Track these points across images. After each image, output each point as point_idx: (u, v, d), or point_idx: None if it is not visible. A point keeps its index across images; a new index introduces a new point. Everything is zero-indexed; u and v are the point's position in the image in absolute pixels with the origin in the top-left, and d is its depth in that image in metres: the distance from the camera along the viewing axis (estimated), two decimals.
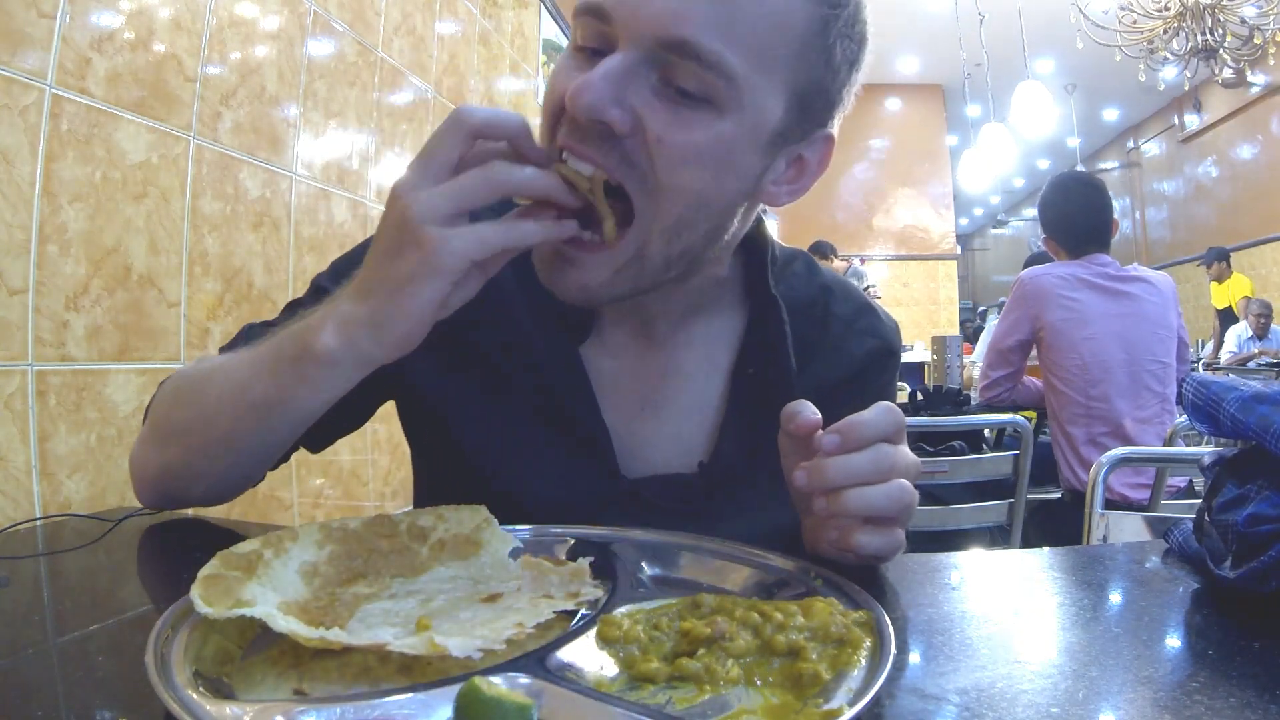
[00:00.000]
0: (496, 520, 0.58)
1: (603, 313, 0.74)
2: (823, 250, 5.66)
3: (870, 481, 0.52)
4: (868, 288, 5.75)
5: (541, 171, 0.55)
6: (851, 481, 0.52)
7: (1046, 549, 0.66)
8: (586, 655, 0.42)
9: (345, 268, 0.72)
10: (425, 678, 0.40)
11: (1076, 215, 2.25)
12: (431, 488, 0.81)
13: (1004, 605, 0.56)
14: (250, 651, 0.44)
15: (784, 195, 0.66)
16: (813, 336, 0.76)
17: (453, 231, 0.52)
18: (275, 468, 0.73)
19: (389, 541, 0.55)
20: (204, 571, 0.45)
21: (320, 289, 0.73)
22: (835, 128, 0.66)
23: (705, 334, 0.75)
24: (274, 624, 0.41)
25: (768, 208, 0.71)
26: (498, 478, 0.71)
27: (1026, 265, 3.51)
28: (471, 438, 0.72)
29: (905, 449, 0.55)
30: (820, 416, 0.55)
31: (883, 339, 0.80)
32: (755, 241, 0.76)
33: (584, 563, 0.54)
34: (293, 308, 0.75)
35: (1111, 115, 10.47)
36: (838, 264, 5.78)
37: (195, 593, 0.42)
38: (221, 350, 0.76)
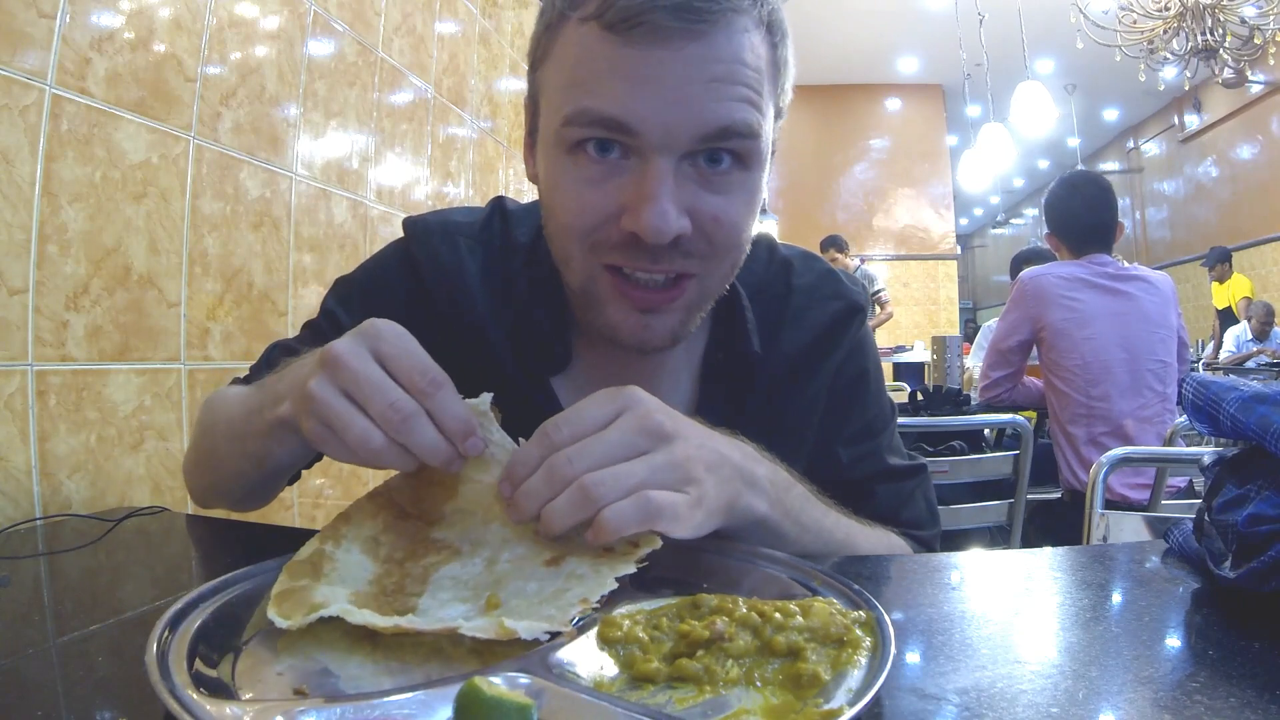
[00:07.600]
0: None
1: (580, 338, 0.77)
2: (838, 244, 5.56)
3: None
4: (877, 291, 5.58)
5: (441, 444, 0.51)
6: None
7: (1046, 549, 0.66)
8: (586, 655, 0.42)
9: (348, 292, 0.82)
10: (495, 658, 0.41)
11: (1083, 214, 2.25)
12: None
13: (1004, 605, 0.56)
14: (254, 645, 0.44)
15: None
16: (774, 314, 0.79)
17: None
18: (292, 482, 0.80)
19: (440, 485, 0.55)
20: (275, 589, 0.46)
21: (329, 312, 0.80)
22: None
23: None
24: (350, 618, 0.43)
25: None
26: None
27: (1015, 261, 3.50)
28: None
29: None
30: None
31: (846, 299, 0.82)
32: None
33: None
34: (311, 327, 0.82)
35: (1111, 115, 10.47)
36: (849, 261, 5.69)
37: (272, 612, 0.44)
38: (252, 369, 0.83)
